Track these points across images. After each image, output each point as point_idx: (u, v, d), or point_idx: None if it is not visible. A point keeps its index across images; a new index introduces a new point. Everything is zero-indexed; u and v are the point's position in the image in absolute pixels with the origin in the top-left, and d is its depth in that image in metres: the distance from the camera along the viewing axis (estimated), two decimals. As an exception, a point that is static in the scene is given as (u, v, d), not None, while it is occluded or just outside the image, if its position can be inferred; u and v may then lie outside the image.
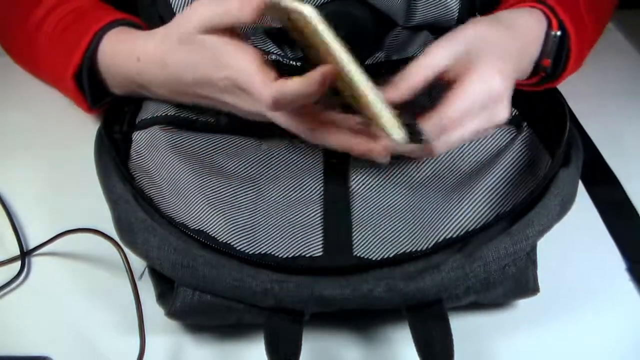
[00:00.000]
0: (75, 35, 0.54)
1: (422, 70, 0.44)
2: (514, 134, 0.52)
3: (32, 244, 0.53)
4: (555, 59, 0.52)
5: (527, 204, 0.44)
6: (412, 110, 0.44)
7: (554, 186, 0.44)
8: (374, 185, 0.50)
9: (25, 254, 0.52)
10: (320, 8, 0.55)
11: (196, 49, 0.45)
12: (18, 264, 0.51)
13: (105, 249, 0.47)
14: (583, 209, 0.54)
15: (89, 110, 0.58)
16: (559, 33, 0.50)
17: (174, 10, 0.53)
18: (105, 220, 0.46)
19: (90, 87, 0.55)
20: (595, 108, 0.65)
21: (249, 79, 0.43)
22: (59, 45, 0.56)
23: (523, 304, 0.47)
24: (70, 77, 0.54)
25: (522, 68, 0.50)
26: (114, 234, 0.45)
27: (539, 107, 0.53)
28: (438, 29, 0.59)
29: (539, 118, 0.52)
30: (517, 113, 0.54)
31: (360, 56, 0.59)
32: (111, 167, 0.47)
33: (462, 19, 0.57)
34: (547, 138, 0.50)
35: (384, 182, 0.50)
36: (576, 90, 0.54)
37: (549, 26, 0.51)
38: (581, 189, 0.56)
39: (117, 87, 0.55)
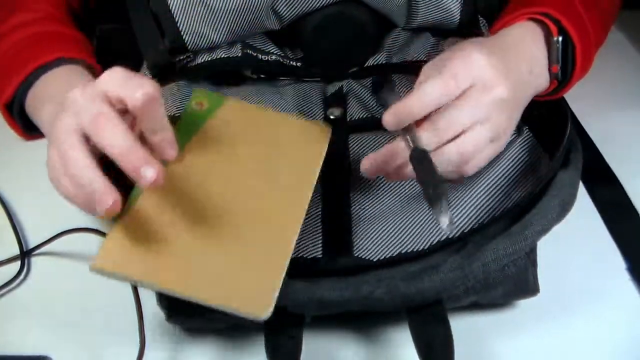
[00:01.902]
0: (17, 66, 0.54)
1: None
2: (514, 136, 0.52)
3: (32, 244, 0.53)
4: (563, 64, 0.52)
5: (526, 205, 0.44)
6: None
7: (552, 188, 0.44)
8: (373, 186, 0.50)
9: (25, 254, 0.52)
10: (321, 10, 0.55)
11: None
12: (18, 263, 0.51)
13: (105, 249, 0.47)
14: (583, 209, 0.54)
15: (22, 135, 0.59)
16: (560, 38, 0.50)
17: (170, 7, 0.52)
18: (105, 220, 0.46)
19: (23, 117, 0.55)
20: (596, 108, 0.65)
21: None
22: (4, 69, 0.55)
23: (523, 304, 0.47)
24: (2, 105, 0.55)
25: (520, 72, 0.49)
26: (114, 234, 0.45)
27: (539, 110, 0.53)
28: (439, 31, 0.59)
29: (540, 121, 0.51)
30: None
31: (361, 57, 0.60)
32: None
33: (463, 22, 0.57)
34: (547, 141, 0.50)
35: (384, 183, 0.50)
36: (577, 91, 0.54)
37: (550, 33, 0.50)
38: (581, 189, 0.56)
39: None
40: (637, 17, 0.80)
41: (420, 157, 0.42)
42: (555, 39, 0.50)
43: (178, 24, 0.53)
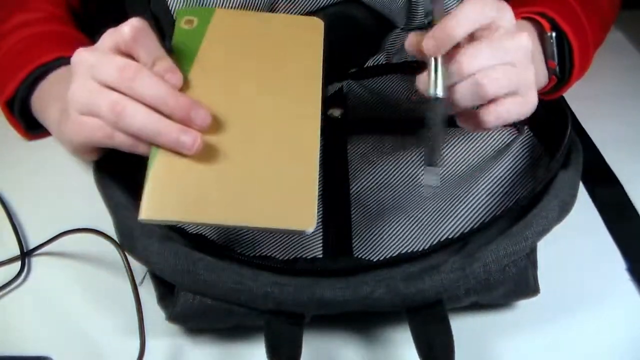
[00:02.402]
0: (19, 64, 0.55)
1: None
2: (514, 136, 0.52)
3: (32, 244, 0.53)
4: (560, 63, 0.52)
5: (527, 205, 0.44)
6: None
7: (553, 188, 0.44)
8: (373, 186, 0.50)
9: (25, 254, 0.52)
10: (322, 10, 0.55)
11: None
12: (18, 264, 0.51)
13: (105, 249, 0.47)
14: (583, 209, 0.54)
15: (25, 135, 0.59)
16: (553, 34, 0.50)
17: (170, 7, 0.53)
18: (105, 220, 0.46)
19: (24, 116, 0.56)
20: (596, 109, 0.65)
21: None
22: (6, 67, 0.56)
23: (523, 305, 0.47)
24: (3, 103, 0.55)
25: None
26: (114, 234, 0.45)
27: (540, 110, 0.53)
28: None
29: (540, 120, 0.51)
30: None
31: (361, 58, 0.60)
32: (109, 176, 0.47)
33: None
34: (547, 141, 0.50)
35: (384, 183, 0.50)
36: (577, 91, 0.54)
37: (543, 30, 0.51)
38: (582, 189, 0.56)
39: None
40: (637, 17, 0.80)
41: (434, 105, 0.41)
42: (548, 34, 0.50)
43: None
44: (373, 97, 0.58)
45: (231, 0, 0.52)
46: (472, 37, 0.42)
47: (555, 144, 0.48)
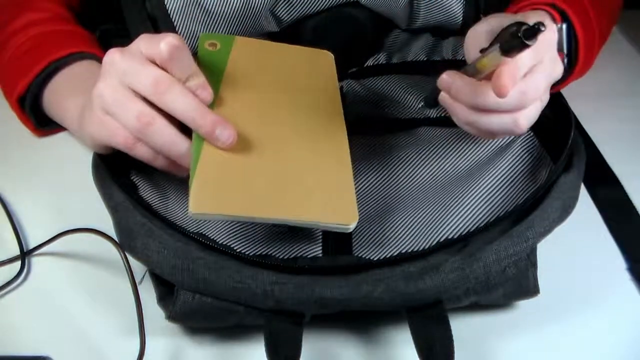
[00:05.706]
0: (31, 60, 0.56)
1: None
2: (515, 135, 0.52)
3: (32, 244, 0.53)
4: (567, 54, 0.52)
5: (528, 206, 0.44)
6: None
7: (555, 190, 0.44)
8: (374, 186, 0.50)
9: (25, 254, 0.52)
10: (321, 10, 0.55)
11: None
12: (18, 264, 0.51)
13: (105, 249, 0.47)
14: (584, 209, 0.54)
15: (35, 131, 0.60)
16: (564, 25, 0.50)
17: (168, 10, 0.53)
18: (105, 220, 0.46)
19: (35, 111, 0.58)
20: (596, 108, 0.65)
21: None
22: (17, 64, 0.57)
23: (523, 305, 0.47)
24: (15, 100, 0.56)
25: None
26: (114, 234, 0.45)
27: (542, 110, 0.53)
28: (440, 31, 0.59)
29: (542, 121, 0.51)
30: None
31: (361, 58, 0.60)
32: (108, 176, 0.47)
33: (466, 23, 0.57)
34: (548, 141, 0.50)
35: (384, 183, 0.50)
36: (577, 91, 0.54)
37: (554, 21, 0.50)
38: (582, 189, 0.56)
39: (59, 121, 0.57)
40: (637, 17, 0.80)
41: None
42: (559, 25, 0.50)
43: (177, 28, 0.53)
44: (373, 97, 0.58)
45: (231, 1, 0.52)
46: None
47: (557, 145, 0.48)
